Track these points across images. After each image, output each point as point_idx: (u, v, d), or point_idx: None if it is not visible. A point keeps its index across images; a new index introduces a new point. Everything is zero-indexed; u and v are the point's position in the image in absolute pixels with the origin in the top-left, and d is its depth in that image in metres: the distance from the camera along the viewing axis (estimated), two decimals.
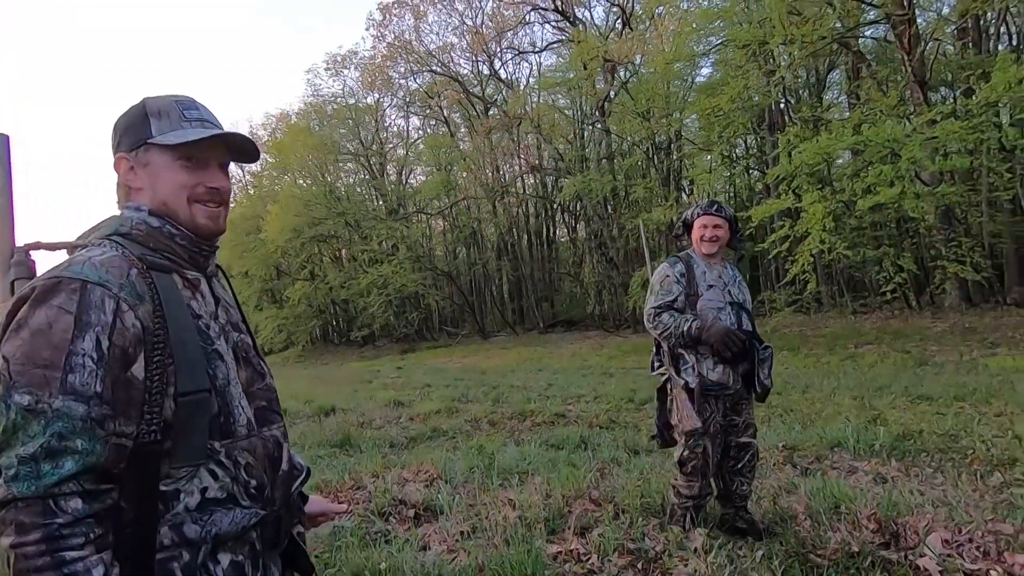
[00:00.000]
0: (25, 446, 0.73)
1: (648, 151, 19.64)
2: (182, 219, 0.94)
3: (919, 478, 3.49)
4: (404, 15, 25.72)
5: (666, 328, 2.57)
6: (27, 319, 0.78)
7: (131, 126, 0.95)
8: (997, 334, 11.66)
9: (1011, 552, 2.13)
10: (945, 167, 9.79)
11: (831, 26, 13.15)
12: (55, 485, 0.73)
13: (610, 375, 12.41)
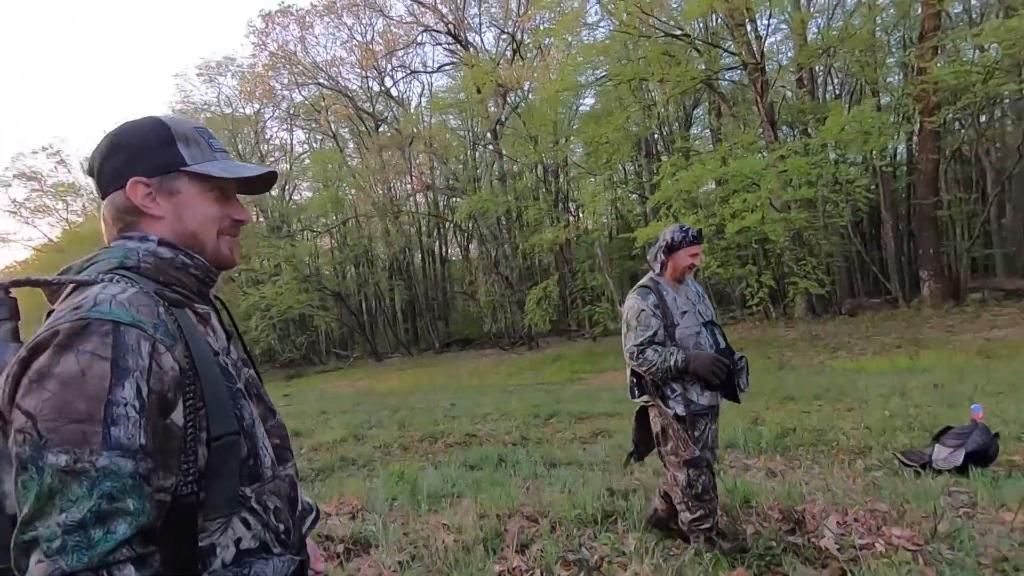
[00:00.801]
0: (68, 512, 0.65)
1: (539, 174, 20.46)
2: (208, 251, 0.89)
3: (801, 469, 3.99)
4: (289, 25, 24.65)
5: (652, 364, 2.52)
6: (51, 368, 0.68)
7: (152, 149, 0.86)
8: (836, 340, 13.60)
9: (888, 527, 2.52)
10: (794, 196, 11.36)
11: (698, 69, 14.74)
12: (110, 553, 0.65)
13: (510, 392, 12.61)
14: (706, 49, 15.67)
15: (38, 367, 0.69)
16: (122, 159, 0.86)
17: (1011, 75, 12.05)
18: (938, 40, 13.03)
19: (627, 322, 2.63)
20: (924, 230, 15.15)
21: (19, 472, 0.67)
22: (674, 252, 2.63)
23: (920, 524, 2.53)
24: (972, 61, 13.73)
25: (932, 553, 2.30)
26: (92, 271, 0.81)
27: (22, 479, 0.66)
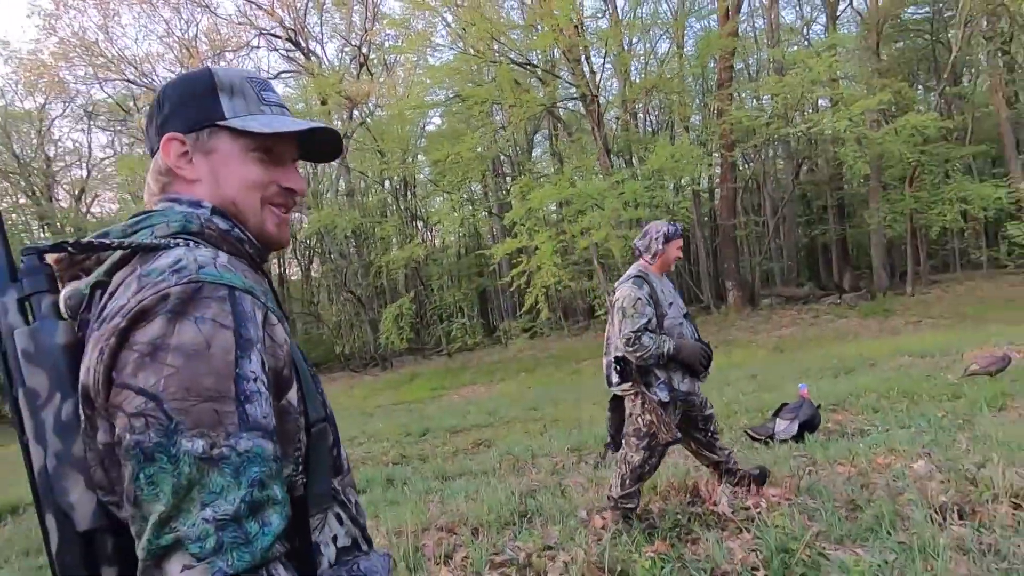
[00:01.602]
0: (215, 505, 0.54)
1: (389, 190, 20.15)
2: (251, 224, 0.75)
3: (680, 451, 4.46)
4: (87, 9, 21.22)
5: (647, 350, 2.60)
6: (168, 338, 0.56)
7: (192, 100, 0.73)
8: None
9: (764, 488, 2.95)
10: (633, 216, 12.75)
11: (541, 97, 15.85)
12: (269, 549, 0.55)
13: (371, 415, 12.12)
14: (548, 79, 16.92)
15: (150, 338, 0.56)
16: (163, 115, 0.74)
17: (783, 121, 14.93)
18: (732, 89, 15.64)
19: (622, 309, 2.68)
20: (726, 247, 17.93)
21: (141, 464, 0.54)
22: (668, 243, 2.77)
23: (786, 483, 3.00)
24: (758, 108, 16.75)
25: (800, 504, 2.75)
26: (145, 235, 0.67)
27: (148, 472, 0.54)
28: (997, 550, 2.06)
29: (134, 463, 0.54)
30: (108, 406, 0.57)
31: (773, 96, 14.39)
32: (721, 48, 14.88)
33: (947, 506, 2.41)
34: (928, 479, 2.70)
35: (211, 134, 0.73)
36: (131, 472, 0.54)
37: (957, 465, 2.83)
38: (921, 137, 13.20)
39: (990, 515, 2.30)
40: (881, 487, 2.78)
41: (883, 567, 2.06)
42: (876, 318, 14.73)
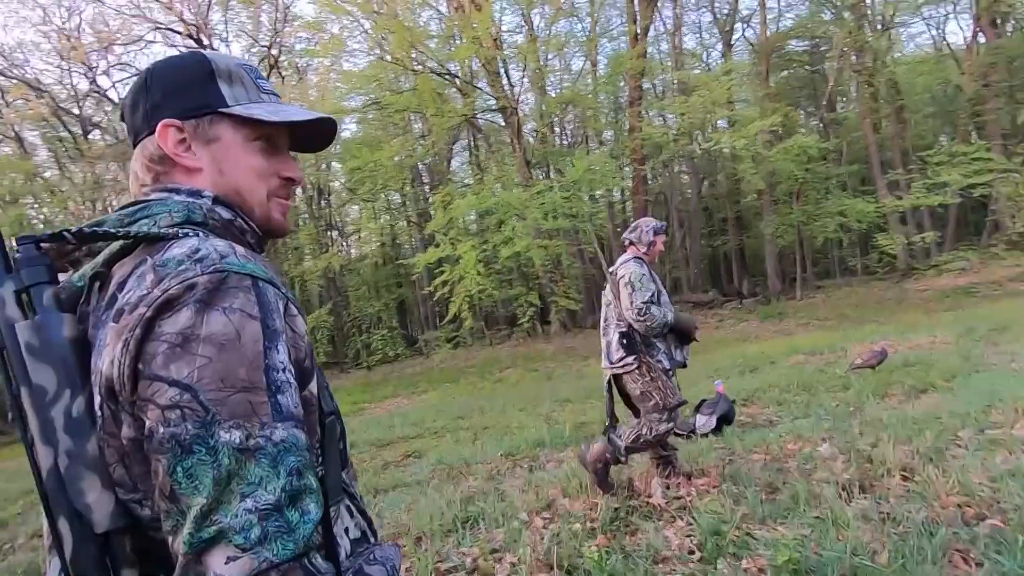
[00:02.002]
0: (255, 496, 0.52)
1: (304, 198, 19.34)
2: (257, 215, 0.74)
3: None
4: None
5: (655, 319, 2.89)
6: (197, 328, 0.54)
7: (188, 85, 0.70)
8: (587, 349, 15.88)
9: (693, 479, 3.15)
10: (554, 226, 13.11)
11: (461, 107, 15.95)
12: (311, 537, 0.55)
13: None
14: (468, 90, 17.07)
15: (179, 328, 0.54)
16: (154, 99, 0.70)
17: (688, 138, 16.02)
18: (642, 107, 16.56)
19: (630, 284, 2.96)
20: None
21: (179, 457, 0.52)
22: (656, 236, 3.16)
23: (712, 472, 3.21)
24: (665, 127, 17.84)
25: (726, 490, 2.95)
26: (147, 225, 0.64)
27: (185, 465, 0.52)
28: (893, 517, 2.34)
29: (170, 456, 0.52)
30: (135, 399, 0.54)
31: (680, 115, 15.39)
32: (631, 68, 15.74)
33: (850, 483, 2.69)
34: (832, 460, 3.00)
35: (212, 122, 0.71)
36: (167, 466, 0.52)
37: (854, 447, 3.16)
38: (806, 157, 14.68)
39: (885, 488, 2.60)
40: (793, 470, 3.05)
41: (802, 540, 2.27)
42: (772, 321, 16.08)
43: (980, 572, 1.91)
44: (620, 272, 3.07)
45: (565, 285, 14.75)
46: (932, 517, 2.22)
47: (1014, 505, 2.15)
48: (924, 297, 15.43)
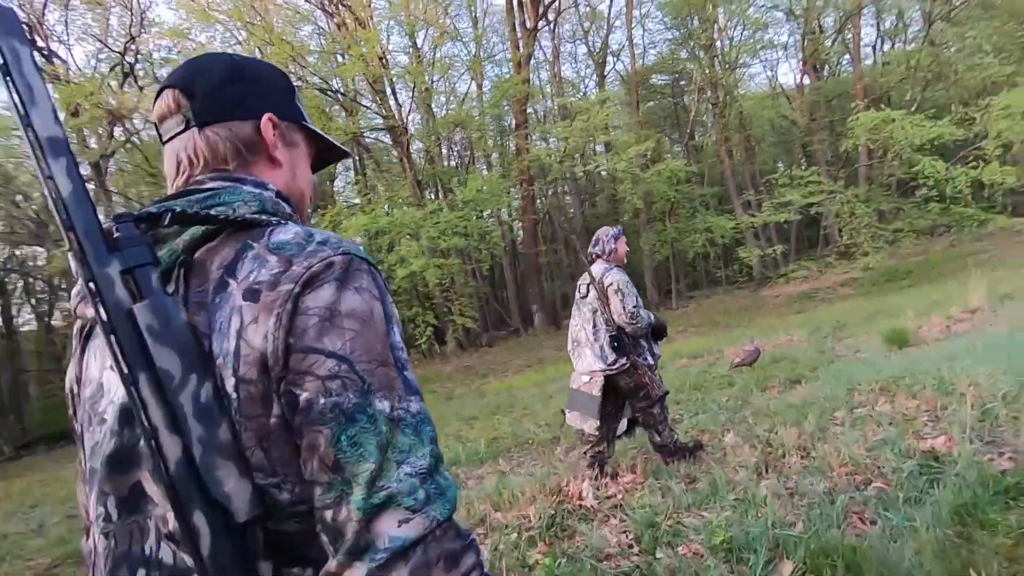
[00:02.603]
0: (410, 462, 0.55)
1: None
2: (304, 219, 0.81)
3: (524, 464, 4.67)
4: None
5: (644, 321, 3.20)
6: (339, 304, 0.57)
7: (280, 91, 0.76)
8: (484, 367, 15.99)
9: (618, 479, 3.29)
10: (448, 245, 13.11)
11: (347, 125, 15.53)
12: (456, 498, 0.58)
13: None
14: (354, 108, 16.67)
15: (324, 303, 0.56)
16: (252, 89, 0.72)
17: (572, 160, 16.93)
18: (528, 130, 17.23)
19: (619, 291, 3.22)
20: (530, 274, 19.44)
21: (343, 426, 0.54)
22: (617, 241, 3.46)
23: (635, 472, 3.38)
24: (548, 150, 18.70)
25: (651, 485, 3.13)
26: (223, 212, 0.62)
27: (350, 433, 0.53)
28: (799, 491, 2.62)
29: (333, 426, 0.53)
30: (288, 373, 0.55)
31: (563, 139, 16.24)
32: (516, 93, 16.36)
33: (757, 465, 2.98)
34: (739, 447, 3.30)
35: (293, 129, 0.76)
36: (330, 436, 0.53)
37: (754, 433, 3.51)
38: (676, 179, 16.15)
39: (786, 467, 2.91)
40: (706, 460, 3.31)
41: (728, 521, 2.46)
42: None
43: (875, 529, 2.21)
44: (608, 280, 3.29)
45: (461, 304, 14.77)
46: (830, 487, 2.52)
47: (892, 469, 2.51)
48: (777, 302, 17.52)
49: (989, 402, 2.84)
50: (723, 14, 20.44)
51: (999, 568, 1.86)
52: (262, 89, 0.73)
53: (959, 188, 13.88)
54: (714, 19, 20.12)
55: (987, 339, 4.55)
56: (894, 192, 17.35)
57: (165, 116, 0.70)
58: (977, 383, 3.12)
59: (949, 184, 13.99)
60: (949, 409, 2.93)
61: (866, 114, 14.69)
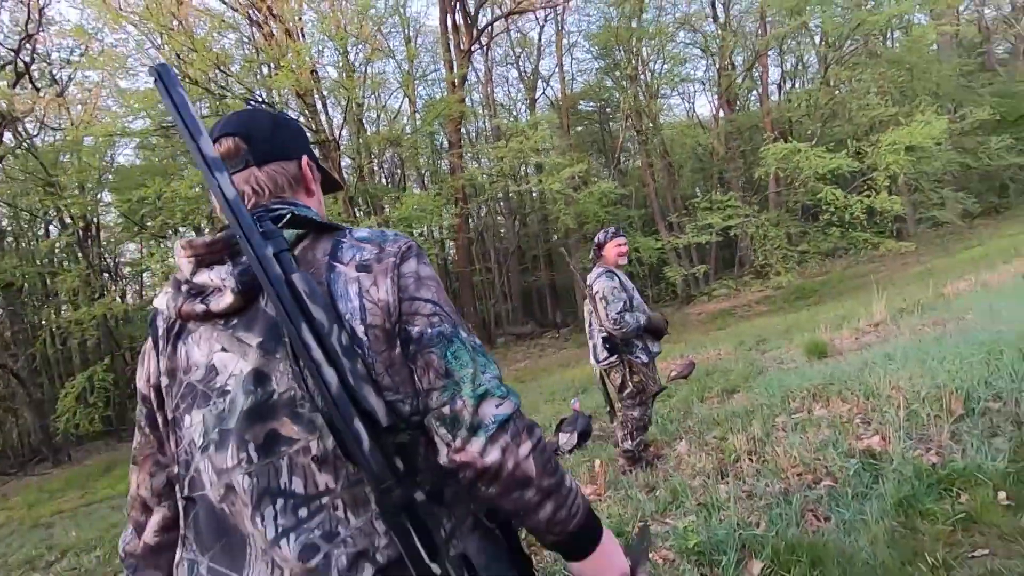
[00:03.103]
0: (490, 371, 0.77)
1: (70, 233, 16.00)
2: None
3: None
4: None
5: (629, 326, 3.31)
6: (423, 271, 0.81)
7: (305, 139, 0.97)
8: None
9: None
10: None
11: None
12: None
13: (49, 525, 9.06)
14: None
15: (412, 270, 0.80)
16: (294, 136, 0.94)
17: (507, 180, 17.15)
18: (463, 150, 17.32)
19: (604, 298, 3.36)
20: (465, 292, 19.36)
21: (446, 346, 0.75)
22: (603, 248, 3.55)
23: (595, 483, 3.40)
24: (481, 170, 18.88)
25: (611, 496, 3.16)
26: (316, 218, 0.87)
27: (452, 350, 0.75)
28: (756, 494, 2.74)
29: (441, 346, 0.75)
30: (402, 316, 0.77)
31: (498, 159, 16.45)
32: (451, 113, 16.44)
33: (714, 471, 3.09)
34: (693, 454, 3.41)
35: (316, 169, 0.96)
36: (440, 353, 0.75)
37: (704, 441, 3.64)
38: (606, 200, 16.74)
39: (741, 471, 3.04)
40: (663, 468, 3.39)
41: (693, 525, 2.53)
42: (586, 347, 17.68)
43: (830, 524, 2.34)
44: (595, 288, 3.46)
45: None
46: (784, 488, 2.66)
47: (838, 467, 2.69)
48: (700, 319, 18.46)
49: (912, 403, 3.11)
50: (646, 47, 21.67)
51: (942, 552, 2.02)
52: (299, 135, 0.95)
53: (855, 214, 15.33)
54: (638, 51, 21.28)
55: (896, 347, 5.01)
56: (800, 217, 18.89)
57: (228, 152, 0.88)
58: (899, 386, 3.41)
59: (847, 211, 15.42)
60: (878, 411, 3.18)
61: (776, 145, 15.98)
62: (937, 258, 16.68)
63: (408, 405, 0.74)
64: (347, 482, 0.71)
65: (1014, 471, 2.32)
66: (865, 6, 18.65)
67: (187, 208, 12.54)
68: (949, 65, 20.70)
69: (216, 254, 0.78)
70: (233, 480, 0.73)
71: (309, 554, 0.68)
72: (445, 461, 0.72)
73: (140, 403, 0.88)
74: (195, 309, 0.77)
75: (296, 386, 0.72)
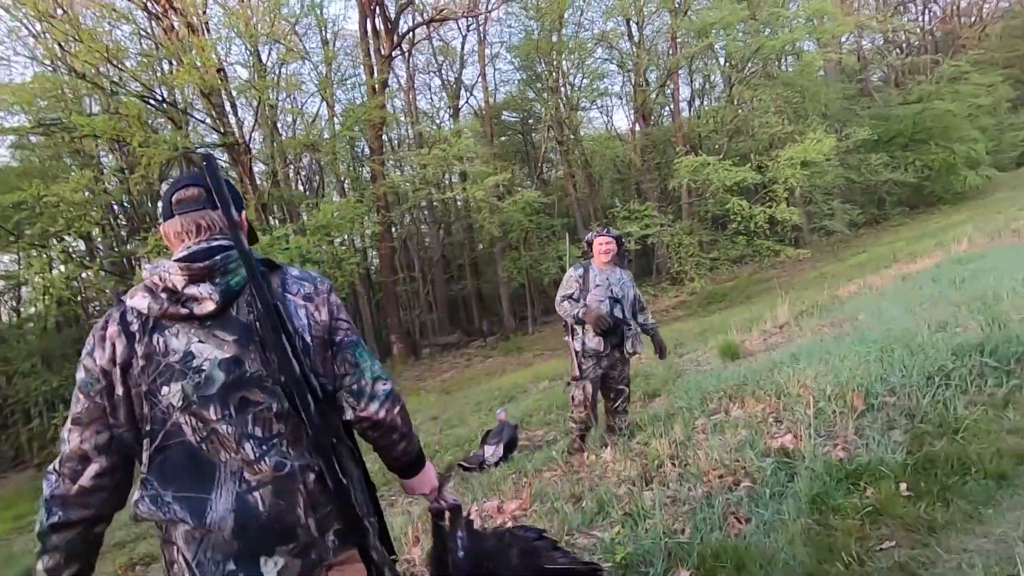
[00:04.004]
0: (376, 364, 1.25)
1: None
2: None
3: (396, 503, 4.34)
4: None
5: (565, 312, 3.82)
6: (338, 301, 1.28)
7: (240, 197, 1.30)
8: None
9: (505, 504, 3.18)
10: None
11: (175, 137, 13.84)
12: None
13: None
14: (184, 121, 14.98)
15: (336, 301, 1.27)
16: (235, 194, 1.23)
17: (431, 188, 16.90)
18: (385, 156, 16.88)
19: (562, 283, 3.93)
20: (388, 302, 18.84)
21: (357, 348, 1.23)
22: (591, 245, 3.93)
23: (520, 497, 3.30)
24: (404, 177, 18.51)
25: (537, 510, 3.07)
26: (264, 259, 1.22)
27: (359, 351, 1.23)
28: (678, 499, 2.74)
29: (352, 349, 1.22)
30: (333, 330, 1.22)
31: (421, 166, 16.18)
32: (372, 118, 16.00)
33: (638, 478, 3.07)
34: (617, 462, 3.39)
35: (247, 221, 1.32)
36: (352, 350, 1.22)
37: (629, 447, 3.64)
38: (531, 209, 16.90)
39: (665, 476, 3.04)
40: (588, 478, 3.35)
41: (617, 538, 2.48)
42: (513, 355, 17.70)
43: (750, 526, 2.37)
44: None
45: None
46: (707, 491, 2.68)
47: (756, 468, 2.74)
48: None
49: (819, 400, 3.26)
50: (566, 61, 22.22)
51: (854, 547, 2.08)
52: (235, 196, 1.22)
53: (759, 223, 16.42)
54: (558, 65, 21.77)
55: (800, 348, 5.31)
56: (711, 226, 20.00)
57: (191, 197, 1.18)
58: (807, 385, 3.58)
59: (752, 220, 16.50)
60: (789, 410, 3.31)
61: (687, 158, 16.84)
62: (829, 264, 18.19)
63: (331, 385, 1.18)
64: (290, 428, 1.12)
65: (912, 463, 2.46)
66: (763, 32, 20.15)
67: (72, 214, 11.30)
68: (835, 89, 22.78)
69: (203, 275, 1.09)
70: (217, 427, 1.08)
71: (280, 466, 1.09)
72: (351, 417, 1.19)
73: (96, 379, 1.10)
74: (179, 311, 1.08)
75: (263, 369, 1.11)
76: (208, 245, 1.14)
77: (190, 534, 1.05)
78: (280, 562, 1.05)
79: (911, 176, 22.02)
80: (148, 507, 1.07)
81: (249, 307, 1.11)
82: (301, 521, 1.08)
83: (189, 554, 1.05)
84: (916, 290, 6.93)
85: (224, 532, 1.03)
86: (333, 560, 1.11)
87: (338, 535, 1.12)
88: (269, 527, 1.05)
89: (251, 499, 1.05)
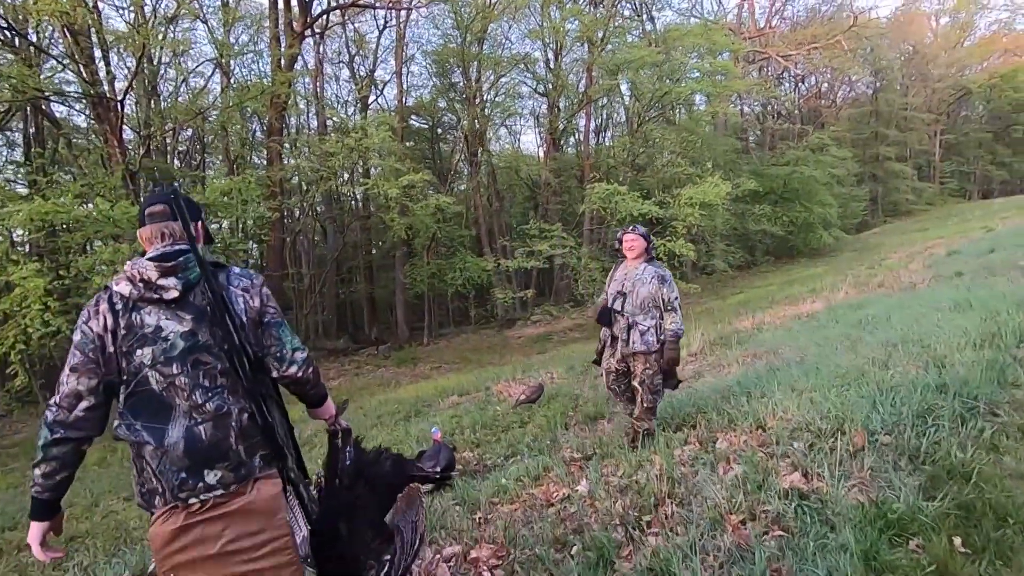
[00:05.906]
0: (295, 338, 1.75)
1: None
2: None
3: None
4: None
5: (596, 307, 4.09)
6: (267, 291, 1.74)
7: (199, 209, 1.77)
8: None
9: (477, 562, 2.55)
10: None
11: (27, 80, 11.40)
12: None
13: None
14: (36, 60, 12.45)
15: (267, 292, 1.73)
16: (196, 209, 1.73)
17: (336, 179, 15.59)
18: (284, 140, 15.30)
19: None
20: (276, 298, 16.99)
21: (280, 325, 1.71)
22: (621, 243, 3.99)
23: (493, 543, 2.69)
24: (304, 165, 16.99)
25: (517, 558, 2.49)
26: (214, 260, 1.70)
27: (283, 328, 1.71)
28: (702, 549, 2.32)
29: (278, 325, 1.71)
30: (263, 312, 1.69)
31: (328, 154, 14.90)
32: (277, 93, 14.48)
33: (633, 518, 2.62)
34: (603, 500, 2.90)
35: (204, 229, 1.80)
36: (277, 328, 1.70)
37: (604, 480, 3.18)
38: (440, 215, 16.21)
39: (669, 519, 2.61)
40: (568, 517, 2.83)
41: None
42: (407, 366, 16.73)
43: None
44: None
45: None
46: (737, 542, 2.28)
47: (776, 510, 2.41)
48: (520, 343, 18.83)
49: (810, 435, 3.05)
50: (484, 76, 22.02)
51: None
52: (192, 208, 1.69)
53: (660, 256, 17.16)
54: (477, 77, 21.51)
55: (742, 376, 5.26)
56: (610, 253, 20.62)
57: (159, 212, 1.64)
58: (785, 417, 3.38)
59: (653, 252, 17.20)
60: (781, 444, 3.05)
61: (600, 184, 17.24)
62: (713, 300, 19.52)
63: (260, 352, 1.66)
64: (230, 382, 1.59)
65: (952, 512, 2.25)
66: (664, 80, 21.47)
67: None
68: (725, 141, 24.91)
69: (170, 271, 1.56)
70: (176, 379, 1.55)
71: (219, 408, 1.56)
72: (276, 375, 1.69)
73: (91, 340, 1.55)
74: (152, 296, 1.55)
75: (211, 339, 1.58)
76: (174, 249, 1.60)
77: (153, 452, 1.52)
78: (218, 474, 1.54)
79: (780, 229, 24.62)
80: (124, 431, 1.54)
81: (203, 295, 1.58)
82: (233, 447, 1.56)
83: (153, 464, 1.53)
84: (823, 328, 7.34)
85: (177, 452, 1.51)
86: (259, 475, 1.59)
87: (263, 458, 1.61)
88: (209, 450, 1.53)
89: (197, 431, 1.53)
